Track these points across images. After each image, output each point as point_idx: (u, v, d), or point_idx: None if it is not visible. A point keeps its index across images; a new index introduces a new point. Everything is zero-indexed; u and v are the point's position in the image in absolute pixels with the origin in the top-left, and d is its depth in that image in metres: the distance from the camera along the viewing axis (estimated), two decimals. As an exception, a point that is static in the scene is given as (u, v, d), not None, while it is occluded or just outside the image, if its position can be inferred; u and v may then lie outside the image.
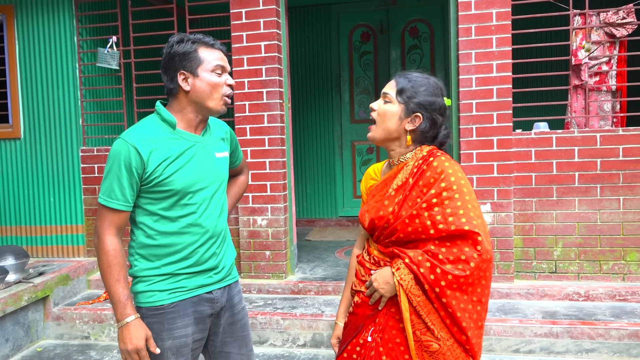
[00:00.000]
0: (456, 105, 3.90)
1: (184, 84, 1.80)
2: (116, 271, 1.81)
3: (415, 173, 1.71)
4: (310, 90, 6.66)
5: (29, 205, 4.64)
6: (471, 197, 1.67)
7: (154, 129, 1.81)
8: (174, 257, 1.84)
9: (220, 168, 1.94)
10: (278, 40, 4.11)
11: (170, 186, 1.79)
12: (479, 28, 3.77)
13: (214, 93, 1.81)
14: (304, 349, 3.56)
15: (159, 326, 1.83)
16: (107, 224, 1.84)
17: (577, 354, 3.28)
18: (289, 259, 4.26)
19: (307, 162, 6.74)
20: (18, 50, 4.58)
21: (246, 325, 2.07)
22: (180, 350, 1.85)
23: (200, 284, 1.87)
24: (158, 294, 1.83)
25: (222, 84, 1.83)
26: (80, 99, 4.53)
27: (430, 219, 1.65)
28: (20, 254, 3.98)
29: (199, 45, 1.81)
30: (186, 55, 1.79)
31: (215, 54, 1.83)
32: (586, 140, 3.77)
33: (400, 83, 1.75)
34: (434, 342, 1.64)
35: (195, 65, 1.79)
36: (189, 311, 1.85)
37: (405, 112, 1.73)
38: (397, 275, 1.65)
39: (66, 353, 3.69)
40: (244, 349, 2.04)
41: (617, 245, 3.78)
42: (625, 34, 3.92)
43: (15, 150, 4.64)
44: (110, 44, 4.47)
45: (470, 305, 1.64)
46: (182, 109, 1.84)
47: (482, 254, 1.61)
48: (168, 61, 1.83)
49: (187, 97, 1.82)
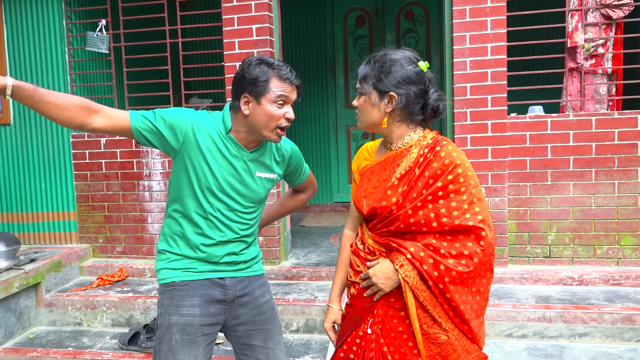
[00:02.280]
0: (450, 89, 3.86)
1: (244, 108, 1.84)
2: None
3: (422, 163, 1.66)
4: (305, 75, 6.59)
5: (20, 191, 4.60)
6: (477, 189, 1.65)
7: (214, 123, 1.89)
8: (189, 246, 1.94)
9: (256, 186, 1.96)
10: (270, 23, 4.05)
11: (202, 176, 1.86)
12: (473, 10, 3.71)
13: (270, 123, 1.83)
14: (297, 334, 3.56)
15: (169, 302, 1.93)
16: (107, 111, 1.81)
17: (570, 338, 3.28)
18: (282, 245, 4.24)
19: (302, 148, 6.67)
20: (6, 34, 4.50)
21: (271, 319, 2.08)
22: (185, 329, 1.91)
23: (212, 269, 1.95)
24: (171, 272, 1.94)
25: (281, 116, 1.84)
26: (70, 83, 4.46)
27: (434, 211, 1.62)
28: (11, 240, 3.95)
29: (273, 75, 1.82)
30: (256, 81, 1.81)
31: (284, 85, 1.83)
32: (581, 123, 3.73)
33: (362, 71, 1.71)
34: (442, 334, 1.64)
35: (260, 93, 1.81)
36: (198, 292, 1.92)
37: (378, 96, 1.68)
38: (402, 272, 1.62)
39: (58, 339, 3.67)
40: (270, 342, 2.06)
41: (611, 229, 3.76)
42: (621, 15, 3.86)
43: (4, 136, 4.58)
44: (100, 27, 4.39)
45: (471, 297, 1.64)
46: (238, 125, 1.89)
47: (485, 249, 1.60)
48: (239, 79, 1.86)
49: (245, 120, 1.86)
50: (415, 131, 1.74)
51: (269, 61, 1.83)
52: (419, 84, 1.66)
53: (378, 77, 1.67)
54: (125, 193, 4.43)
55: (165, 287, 1.95)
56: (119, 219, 4.48)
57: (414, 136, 1.73)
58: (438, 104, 1.70)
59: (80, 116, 1.70)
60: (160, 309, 1.97)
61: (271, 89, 1.81)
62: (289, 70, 1.84)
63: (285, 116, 1.85)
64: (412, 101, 1.66)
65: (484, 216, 1.62)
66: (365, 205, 1.74)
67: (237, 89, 1.86)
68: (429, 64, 1.71)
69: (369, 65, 1.70)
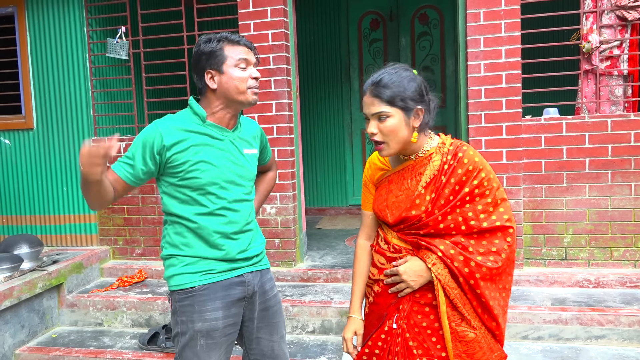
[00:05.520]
0: (465, 92, 3.87)
1: (210, 83, 1.88)
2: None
3: (446, 170, 1.69)
4: (320, 78, 6.64)
5: (43, 195, 4.71)
6: (499, 190, 1.71)
7: (185, 119, 1.90)
8: (204, 246, 1.91)
9: (248, 164, 1.99)
10: (285, 28, 4.11)
11: (197, 177, 1.85)
12: (487, 13, 3.73)
13: (240, 86, 1.87)
14: (313, 335, 3.60)
15: (191, 308, 1.88)
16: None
17: (587, 340, 3.28)
18: (298, 247, 4.28)
19: (317, 151, 6.75)
20: (29, 41, 4.63)
21: (278, 312, 2.11)
22: (210, 334, 1.89)
23: (230, 267, 1.94)
24: (189, 277, 1.90)
25: (247, 77, 1.88)
26: (90, 89, 4.57)
27: (462, 215, 1.67)
28: (34, 242, 4.05)
29: (224, 43, 1.88)
30: (212, 53, 1.86)
31: (239, 49, 1.89)
32: (597, 125, 3.72)
33: (385, 93, 1.65)
34: (470, 331, 1.67)
35: (220, 62, 1.86)
36: (219, 294, 1.90)
37: (407, 113, 1.67)
38: (434, 270, 1.66)
39: (80, 339, 3.76)
40: (275, 336, 2.08)
41: (628, 231, 3.74)
42: (637, 17, 3.85)
43: (28, 141, 4.70)
44: (120, 34, 4.50)
45: (497, 293, 1.69)
46: (212, 106, 1.91)
47: (511, 245, 1.68)
48: (196, 61, 1.91)
49: (215, 94, 1.89)
50: (431, 137, 1.77)
51: (215, 36, 1.90)
52: (428, 92, 1.72)
53: (401, 96, 1.65)
54: (144, 196, 4.52)
55: (184, 294, 1.89)
56: (138, 222, 4.56)
57: (432, 143, 1.76)
58: (437, 102, 1.76)
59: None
60: (179, 317, 1.91)
61: (228, 55, 1.86)
62: (238, 36, 1.91)
63: (251, 76, 1.89)
64: (431, 110, 1.72)
65: (509, 215, 1.69)
66: (389, 214, 1.76)
67: (197, 70, 1.91)
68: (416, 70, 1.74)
69: (385, 87, 1.66)
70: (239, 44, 1.89)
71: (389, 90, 1.65)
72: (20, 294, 3.61)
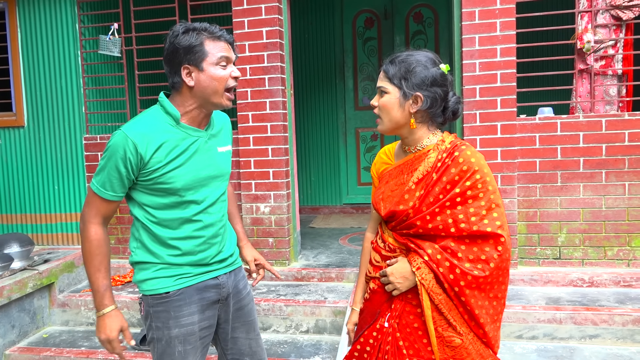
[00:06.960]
0: (459, 91, 3.87)
1: (187, 79, 1.73)
2: (97, 261, 1.78)
3: (439, 168, 1.66)
4: (314, 77, 6.62)
5: (34, 193, 4.66)
6: (495, 195, 1.65)
7: (156, 122, 1.75)
8: (177, 251, 1.81)
9: (223, 163, 1.91)
10: (280, 26, 4.08)
11: (171, 183, 1.75)
12: (482, 12, 3.72)
13: (219, 87, 1.74)
14: (307, 335, 3.58)
15: (166, 314, 1.81)
16: (95, 212, 1.78)
17: (581, 339, 3.28)
18: (292, 246, 4.26)
19: (311, 150, 6.73)
20: (20, 38, 4.57)
21: (252, 310, 2.07)
22: (187, 339, 1.83)
23: (205, 270, 1.86)
24: (163, 281, 1.81)
25: (227, 77, 1.75)
26: (82, 86, 4.53)
27: (452, 217, 1.63)
28: (25, 241, 4.01)
29: (205, 37, 1.72)
30: (191, 48, 1.71)
31: (220, 45, 1.75)
32: (591, 125, 3.73)
33: (389, 70, 1.69)
34: (457, 337, 1.65)
35: (199, 59, 1.71)
36: (195, 298, 1.83)
37: (404, 96, 1.67)
38: (418, 275, 1.64)
39: (72, 339, 3.72)
40: (252, 334, 2.05)
41: (622, 231, 3.75)
42: (631, 16, 3.85)
43: (19, 139, 4.65)
44: (112, 31, 4.45)
45: (487, 302, 1.65)
46: (186, 103, 1.78)
47: (502, 254, 1.61)
48: (171, 53, 1.74)
49: (191, 92, 1.75)
50: (434, 134, 1.74)
51: (194, 26, 1.73)
52: (442, 87, 1.67)
53: (404, 77, 1.66)
54: (136, 195, 4.48)
55: (158, 299, 1.81)
56: (131, 221, 4.51)
57: (432, 139, 1.73)
58: (457, 106, 1.72)
59: (107, 247, 1.83)
60: (154, 322, 1.83)
61: (209, 51, 1.72)
62: (219, 29, 1.76)
63: (232, 75, 1.76)
64: (436, 103, 1.67)
65: (502, 222, 1.62)
66: (382, 207, 1.76)
67: (172, 63, 1.74)
68: (449, 67, 1.73)
69: (394, 65, 1.69)
70: (220, 39, 1.75)
71: (394, 69, 1.68)
72: (11, 294, 3.56)
